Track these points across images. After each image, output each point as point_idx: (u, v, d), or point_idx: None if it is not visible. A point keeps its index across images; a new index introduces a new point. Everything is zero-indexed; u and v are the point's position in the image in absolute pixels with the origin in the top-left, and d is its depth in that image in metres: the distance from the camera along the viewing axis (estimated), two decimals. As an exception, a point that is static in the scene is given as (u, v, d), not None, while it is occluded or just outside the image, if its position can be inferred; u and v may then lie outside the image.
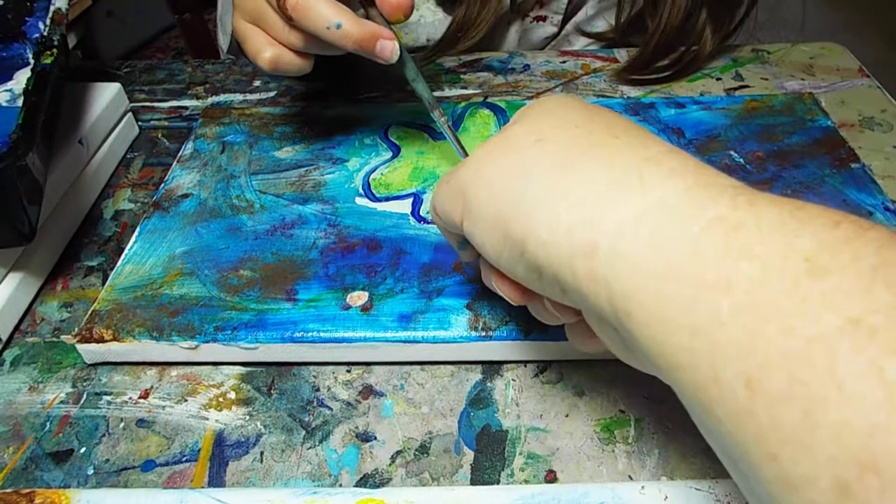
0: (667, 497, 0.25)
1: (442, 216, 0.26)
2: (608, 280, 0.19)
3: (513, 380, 0.31)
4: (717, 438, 0.18)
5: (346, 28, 0.32)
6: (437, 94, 0.49)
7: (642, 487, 0.25)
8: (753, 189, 0.19)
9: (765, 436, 0.15)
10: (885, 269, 0.15)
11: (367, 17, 0.34)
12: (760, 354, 0.16)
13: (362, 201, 0.38)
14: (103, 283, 0.36)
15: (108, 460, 0.28)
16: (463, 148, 0.37)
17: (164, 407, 0.30)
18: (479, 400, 0.30)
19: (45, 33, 0.36)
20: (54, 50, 0.36)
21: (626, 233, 0.19)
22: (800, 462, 0.15)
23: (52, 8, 0.38)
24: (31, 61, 0.35)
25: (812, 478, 0.15)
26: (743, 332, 0.16)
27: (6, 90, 0.33)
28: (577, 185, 0.21)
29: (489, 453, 0.28)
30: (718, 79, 0.50)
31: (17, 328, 0.34)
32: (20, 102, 0.32)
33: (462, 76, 0.51)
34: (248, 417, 0.30)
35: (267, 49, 0.34)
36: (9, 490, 0.27)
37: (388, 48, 0.33)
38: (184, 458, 0.29)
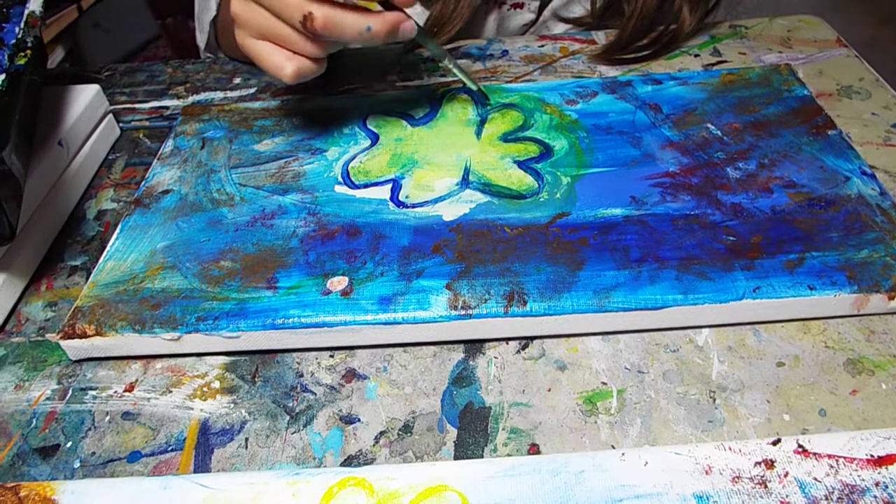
0: (647, 463, 0.25)
1: None
2: None
3: (495, 357, 0.31)
4: None
5: (375, 28, 0.34)
6: (416, 83, 0.49)
7: (623, 454, 0.25)
8: None
9: None
10: None
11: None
12: None
13: (342, 189, 0.38)
14: (87, 283, 0.36)
15: (94, 453, 0.29)
16: (475, 81, 0.39)
17: (149, 399, 0.31)
18: (462, 378, 0.30)
19: (20, 36, 0.37)
20: (28, 51, 0.36)
21: None
22: None
23: (25, 12, 0.39)
24: (7, 64, 0.35)
25: None
26: None
27: (-19, 94, 0.33)
28: None
29: (472, 430, 0.28)
30: (697, 55, 0.50)
31: (1, 329, 0.34)
32: (-5, 104, 0.32)
33: (441, 65, 0.51)
34: (232, 405, 0.30)
35: (287, 64, 0.35)
36: (-5, 485, 0.27)
37: (409, 26, 0.36)
38: (169, 448, 0.29)
